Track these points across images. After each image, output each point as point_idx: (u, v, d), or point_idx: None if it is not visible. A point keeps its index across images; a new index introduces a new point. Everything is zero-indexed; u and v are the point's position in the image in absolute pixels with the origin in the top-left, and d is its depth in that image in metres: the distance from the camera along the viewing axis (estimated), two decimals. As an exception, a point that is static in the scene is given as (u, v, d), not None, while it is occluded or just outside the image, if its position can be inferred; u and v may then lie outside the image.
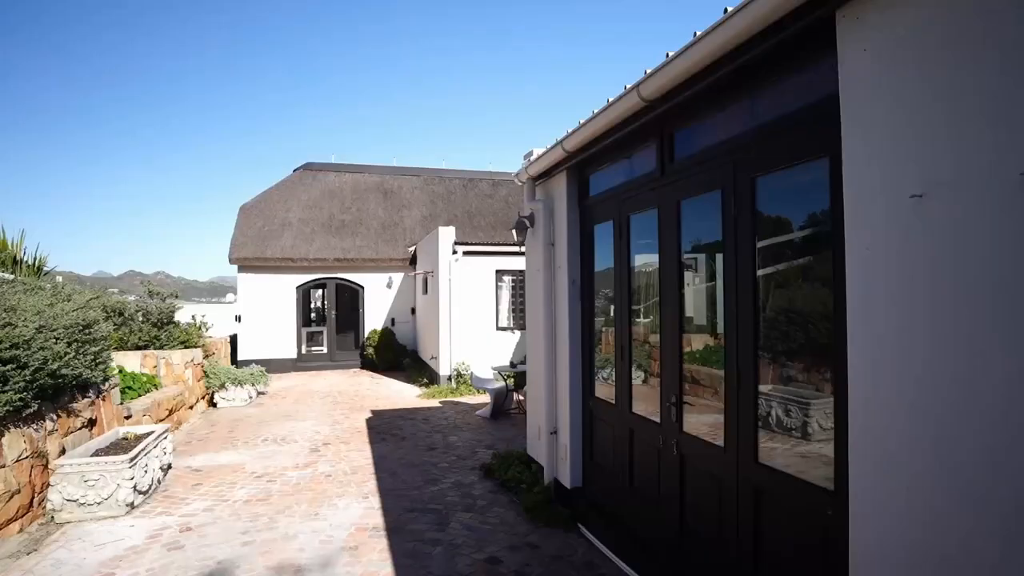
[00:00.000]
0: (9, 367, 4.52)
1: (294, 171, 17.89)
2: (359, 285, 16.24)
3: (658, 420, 3.74)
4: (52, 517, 4.94)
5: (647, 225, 3.96)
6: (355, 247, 15.90)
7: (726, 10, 2.48)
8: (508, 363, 10.58)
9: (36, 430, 4.97)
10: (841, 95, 2.17)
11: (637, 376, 4.18)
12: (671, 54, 2.94)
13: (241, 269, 15.21)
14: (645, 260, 4.13)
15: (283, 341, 15.47)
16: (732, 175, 2.99)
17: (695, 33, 2.73)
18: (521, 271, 12.29)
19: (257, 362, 12.66)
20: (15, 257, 7.70)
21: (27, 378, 4.67)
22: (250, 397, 10.79)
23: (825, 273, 2.48)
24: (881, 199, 2.01)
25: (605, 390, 4.65)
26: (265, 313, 15.30)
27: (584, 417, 4.96)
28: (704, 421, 3.39)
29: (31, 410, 4.85)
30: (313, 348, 16.15)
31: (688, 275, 3.61)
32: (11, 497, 4.58)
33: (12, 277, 6.10)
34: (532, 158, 5.29)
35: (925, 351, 1.86)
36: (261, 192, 16.90)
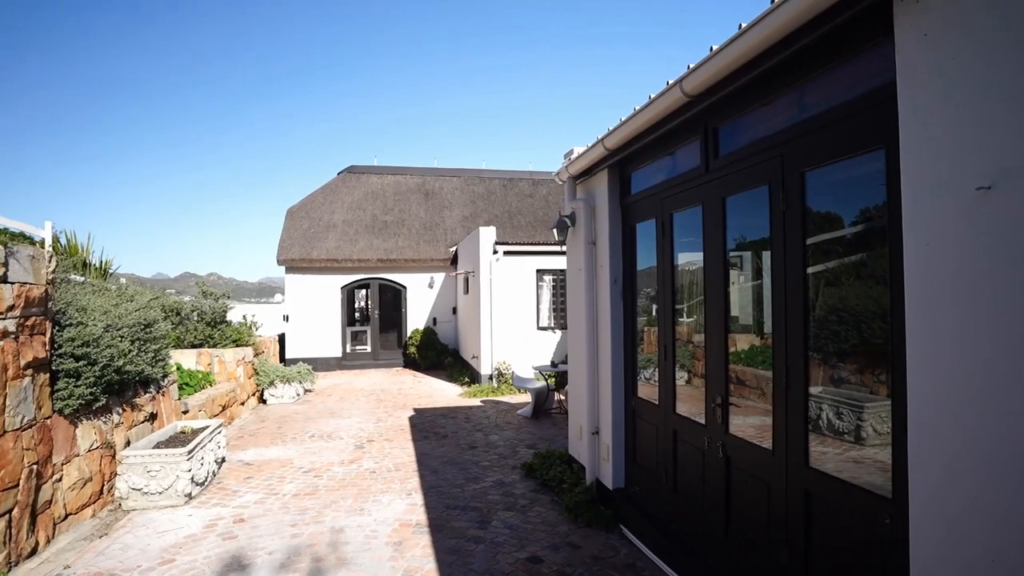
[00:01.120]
0: (81, 363, 4.81)
1: (338, 174, 18.36)
2: (401, 285, 16.53)
3: (703, 421, 3.67)
4: (120, 504, 5.25)
5: (691, 223, 3.88)
6: (397, 248, 16.19)
7: (773, 0, 2.40)
8: (549, 363, 10.56)
9: (104, 422, 5.28)
10: (899, 83, 2.07)
11: (680, 376, 4.11)
12: (715, 47, 2.87)
13: (288, 270, 15.71)
14: (688, 258, 4.05)
15: (328, 340, 15.89)
16: (780, 170, 2.91)
17: (740, 25, 2.66)
18: (562, 270, 12.26)
19: (304, 360, 13.06)
20: (85, 260, 8.19)
21: (96, 374, 4.96)
22: (297, 394, 11.14)
23: (880, 270, 2.38)
24: (943, 192, 1.91)
25: (648, 390, 4.58)
26: (311, 313, 15.76)
27: (626, 417, 4.90)
28: (750, 423, 3.31)
29: (100, 404, 5.15)
30: (357, 347, 16.52)
31: (733, 273, 3.52)
32: (84, 484, 4.89)
33: (82, 279, 6.48)
34: (572, 157, 5.27)
35: (990, 351, 1.76)
36: (307, 195, 17.42)
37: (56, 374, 4.67)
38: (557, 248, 11.95)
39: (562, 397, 9.28)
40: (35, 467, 4.28)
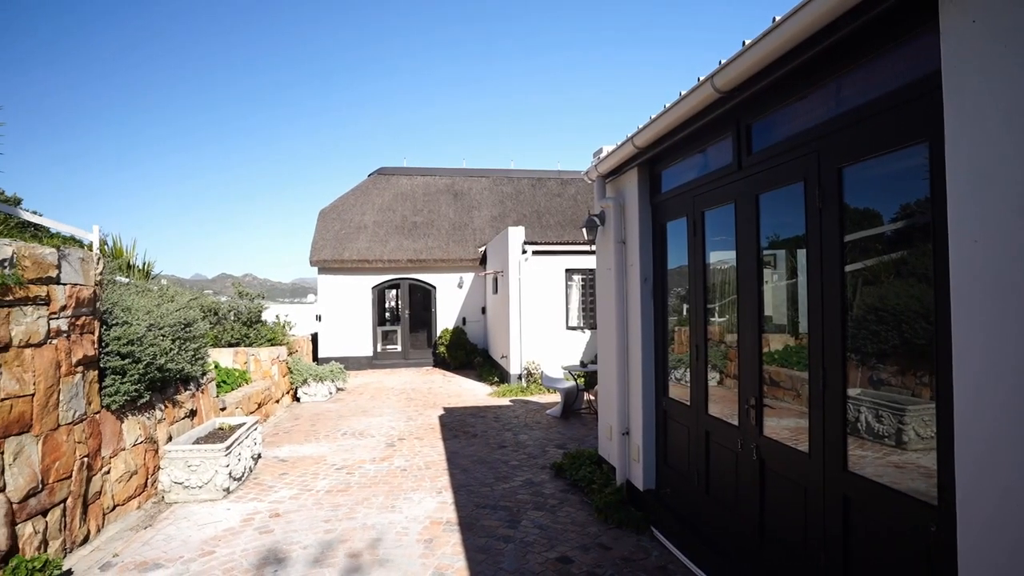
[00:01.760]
0: (126, 361, 5.00)
1: (368, 176, 18.64)
2: (431, 285, 16.68)
3: (736, 423, 3.60)
4: (163, 497, 5.44)
5: (723, 221, 3.82)
6: (427, 248, 16.35)
7: (808, -8, 2.34)
8: (578, 363, 10.51)
9: (148, 418, 5.48)
10: (944, 73, 2.00)
11: (712, 377, 4.05)
12: (748, 42, 2.82)
13: (320, 271, 16.03)
14: (720, 257, 3.98)
15: (360, 339, 16.15)
16: (816, 166, 2.83)
17: (774, 19, 2.60)
18: (591, 270, 12.19)
19: (336, 359, 13.30)
20: (129, 262, 8.52)
21: (140, 371, 5.15)
22: (330, 393, 11.35)
23: (922, 268, 2.30)
24: (993, 186, 1.83)
25: (679, 391, 4.52)
26: (343, 312, 16.04)
27: (657, 418, 4.85)
28: (785, 425, 3.23)
29: (144, 400, 5.35)
30: (388, 346, 16.75)
31: (767, 272, 3.44)
32: (130, 477, 5.09)
33: (127, 280, 6.74)
34: (602, 155, 5.23)
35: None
36: (338, 197, 17.74)
37: (104, 371, 4.87)
38: (586, 247, 11.90)
39: (591, 397, 9.23)
40: (86, 460, 4.47)
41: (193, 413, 6.48)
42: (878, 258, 2.65)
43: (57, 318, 4.19)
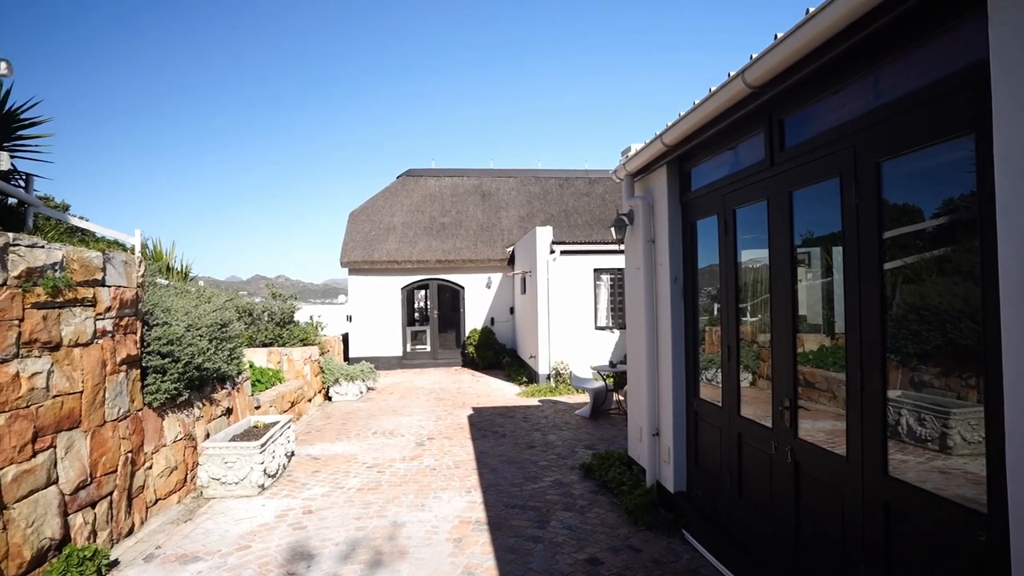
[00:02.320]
0: (166, 360, 5.17)
1: (397, 177, 18.86)
2: (459, 285, 16.78)
3: (769, 425, 3.52)
4: (201, 492, 5.61)
5: (755, 218, 3.74)
6: (455, 248, 16.46)
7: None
8: (607, 363, 10.44)
9: (187, 416, 5.66)
10: (992, 62, 1.91)
11: (744, 378, 3.96)
12: (780, 35, 2.75)
13: (351, 272, 16.28)
14: (752, 255, 3.90)
15: (389, 340, 16.35)
16: (852, 160, 2.75)
17: (808, 10, 2.53)
18: (620, 269, 12.09)
19: (366, 359, 13.50)
20: (168, 265, 8.82)
21: (179, 370, 5.32)
22: (360, 392, 11.53)
23: (967, 265, 2.21)
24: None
25: (710, 392, 4.44)
26: (373, 313, 16.26)
27: (688, 419, 4.78)
28: (821, 427, 3.14)
29: (183, 398, 5.52)
30: (417, 347, 16.92)
31: (800, 271, 3.36)
32: (171, 472, 5.26)
33: (167, 282, 6.97)
34: (630, 154, 5.18)
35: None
36: (368, 199, 18.00)
37: (145, 370, 5.04)
38: (615, 247, 11.81)
39: (621, 398, 9.15)
40: (130, 455, 4.64)
41: (229, 411, 6.66)
42: (919, 255, 2.55)
43: (102, 319, 4.35)
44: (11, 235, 3.51)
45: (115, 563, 4.10)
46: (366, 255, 16.07)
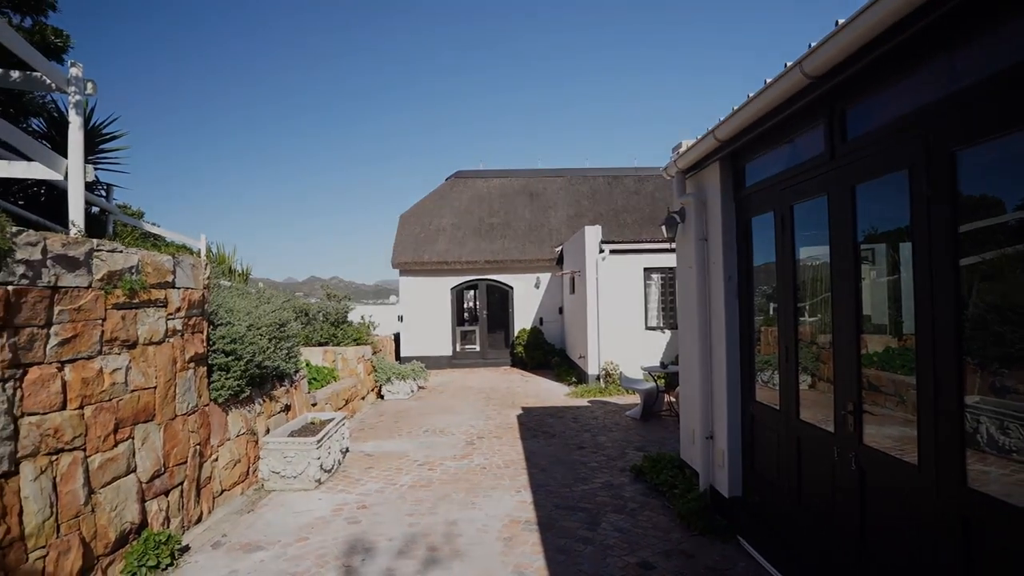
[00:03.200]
0: (230, 358, 5.44)
1: (446, 179, 19.14)
2: (508, 286, 16.86)
3: (831, 429, 3.36)
4: (262, 485, 5.87)
5: (814, 214, 3.58)
6: (503, 249, 16.54)
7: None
8: (658, 363, 10.24)
9: (249, 411, 5.93)
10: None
11: (803, 380, 3.80)
12: (842, 21, 2.62)
13: (402, 273, 16.63)
14: (811, 253, 3.74)
15: (439, 339, 16.60)
16: (923, 151, 2.59)
17: (872, -7, 2.41)
18: (670, 268, 11.85)
19: (417, 358, 13.76)
20: (230, 267, 9.28)
21: (242, 368, 5.58)
22: (411, 391, 11.75)
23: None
24: None
25: (767, 394, 4.29)
26: (423, 313, 16.55)
27: (744, 422, 4.62)
28: (888, 433, 2.98)
29: (245, 395, 5.79)
30: (466, 346, 17.10)
31: (864, 268, 3.19)
32: (234, 465, 5.52)
33: (229, 284, 7.33)
34: (681, 150, 5.07)
35: None
36: (417, 201, 18.34)
37: (211, 367, 5.32)
38: (665, 245, 11.56)
39: (672, 399, 8.96)
40: (198, 447, 4.91)
41: (287, 408, 6.93)
42: (999, 250, 2.38)
43: (173, 319, 4.62)
44: (95, 241, 3.78)
45: (186, 548, 4.34)
46: (416, 256, 16.38)
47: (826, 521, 3.44)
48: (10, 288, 3.08)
